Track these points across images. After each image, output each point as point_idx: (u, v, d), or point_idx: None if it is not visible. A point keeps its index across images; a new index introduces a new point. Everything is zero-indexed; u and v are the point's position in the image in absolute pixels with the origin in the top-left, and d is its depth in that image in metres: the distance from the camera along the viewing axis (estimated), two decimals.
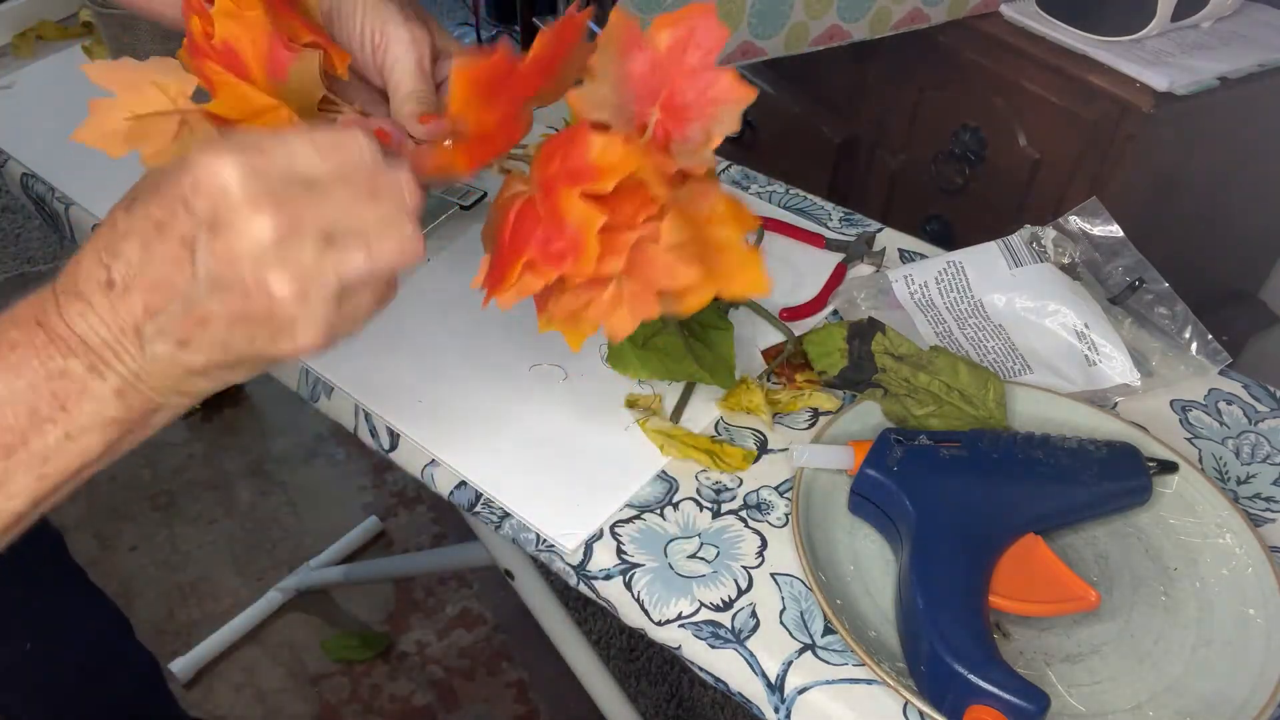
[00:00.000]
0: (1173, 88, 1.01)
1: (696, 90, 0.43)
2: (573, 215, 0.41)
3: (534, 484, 0.63)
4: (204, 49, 0.49)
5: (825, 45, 1.11)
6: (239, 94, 0.49)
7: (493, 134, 0.45)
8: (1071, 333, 0.70)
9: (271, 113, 0.49)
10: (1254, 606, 0.55)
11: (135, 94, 0.50)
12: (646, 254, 0.42)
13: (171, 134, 0.51)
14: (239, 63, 0.49)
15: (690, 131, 0.43)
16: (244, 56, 0.48)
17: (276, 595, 1.48)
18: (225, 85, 0.49)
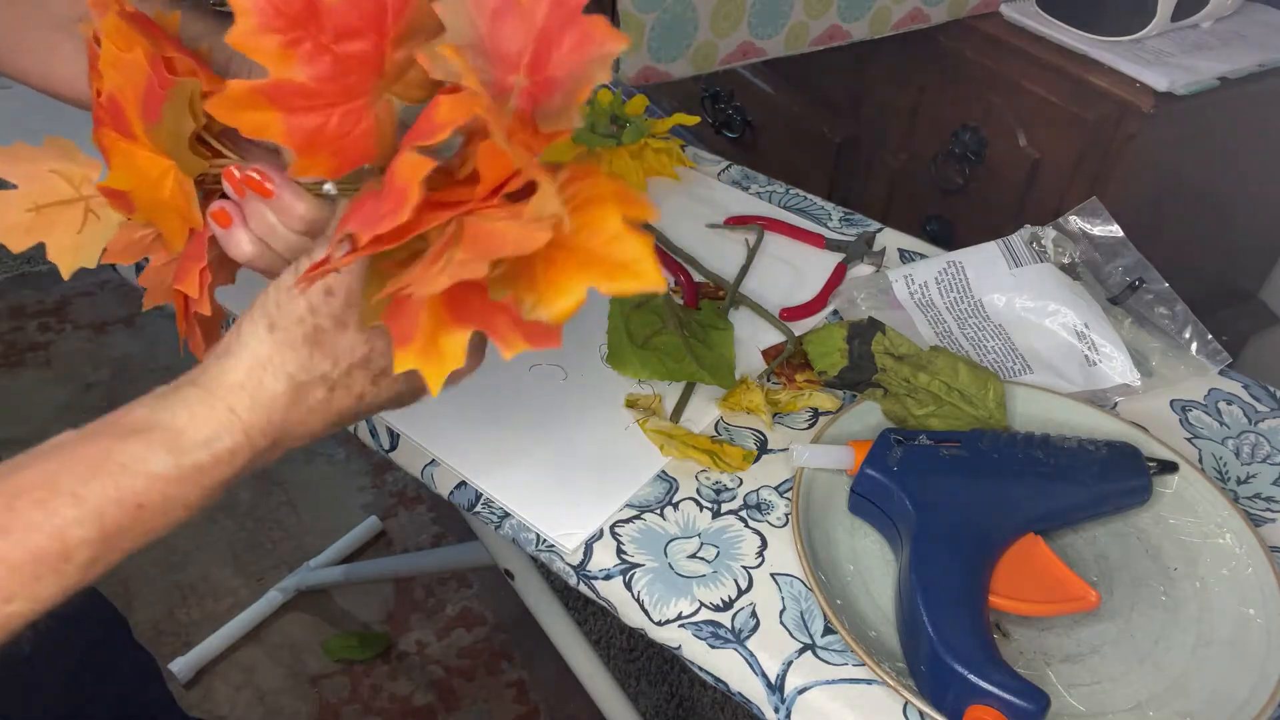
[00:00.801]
0: (1173, 88, 1.01)
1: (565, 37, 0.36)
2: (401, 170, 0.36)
3: (534, 484, 0.63)
4: (99, 112, 0.45)
5: (825, 45, 1.11)
6: (129, 160, 0.44)
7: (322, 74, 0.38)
8: (1071, 333, 0.70)
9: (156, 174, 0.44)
10: (1254, 606, 0.55)
11: (36, 183, 0.47)
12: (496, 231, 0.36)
13: (78, 224, 0.47)
14: (123, 119, 0.44)
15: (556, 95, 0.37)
16: (126, 109, 0.43)
17: (276, 595, 1.48)
18: (117, 152, 0.44)
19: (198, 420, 0.40)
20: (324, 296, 0.41)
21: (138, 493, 0.38)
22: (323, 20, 0.37)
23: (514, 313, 0.37)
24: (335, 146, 0.39)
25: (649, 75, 1.03)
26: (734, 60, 1.07)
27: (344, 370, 0.42)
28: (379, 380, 0.44)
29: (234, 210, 0.44)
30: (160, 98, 0.42)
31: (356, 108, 0.39)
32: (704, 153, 0.95)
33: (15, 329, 1.92)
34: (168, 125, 0.43)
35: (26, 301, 1.98)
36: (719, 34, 1.04)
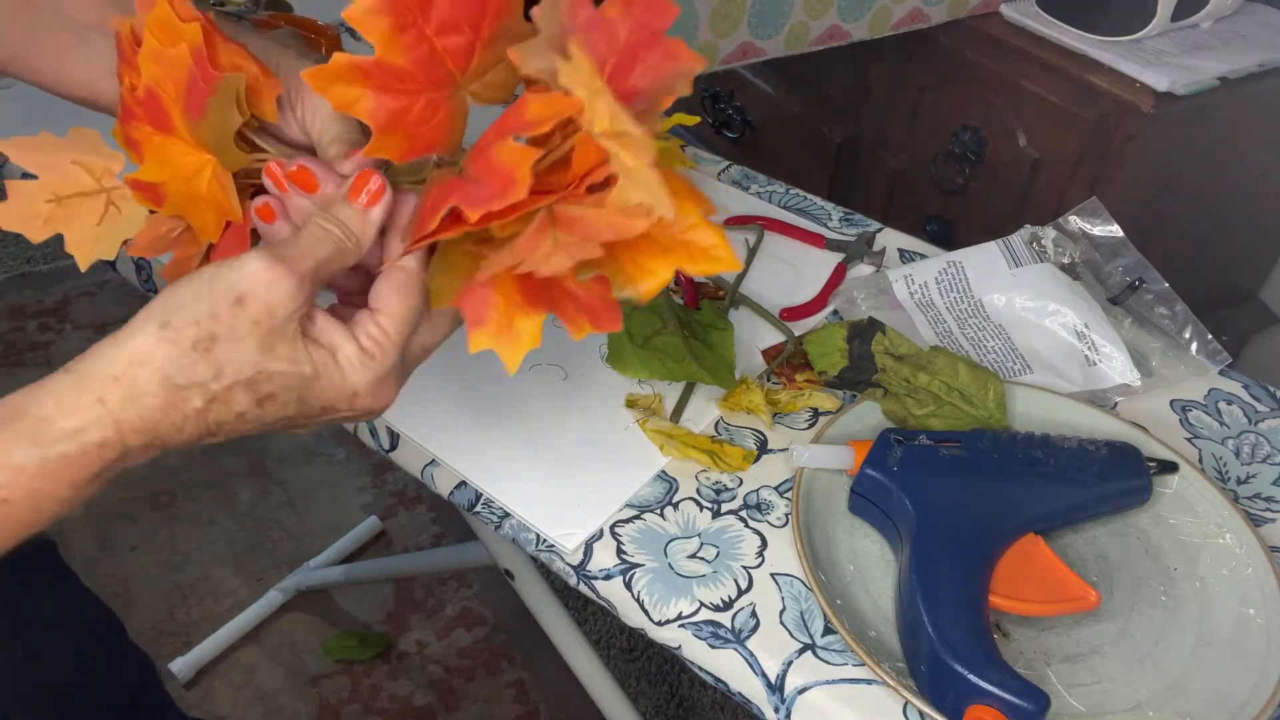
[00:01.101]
0: (1173, 88, 1.01)
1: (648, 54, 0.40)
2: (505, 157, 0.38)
3: (534, 484, 0.63)
4: (131, 108, 0.45)
5: (825, 45, 1.11)
6: (164, 153, 0.45)
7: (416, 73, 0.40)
8: (1071, 333, 0.70)
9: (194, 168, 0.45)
10: (1254, 606, 0.55)
11: (57, 174, 0.47)
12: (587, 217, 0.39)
13: (97, 216, 0.47)
14: (162, 113, 0.44)
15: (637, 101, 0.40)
16: (166, 103, 0.44)
17: (276, 595, 1.48)
18: (150, 146, 0.45)
19: (65, 409, 0.38)
20: (232, 304, 0.40)
21: (2, 486, 0.37)
22: (431, 11, 0.40)
23: (580, 297, 0.40)
24: (411, 131, 0.41)
25: None
26: (734, 60, 1.08)
27: (225, 386, 0.40)
28: (265, 403, 0.42)
29: (276, 205, 0.44)
30: (205, 92, 0.43)
31: (438, 98, 0.41)
32: (704, 153, 0.95)
33: (15, 329, 1.92)
34: (212, 120, 0.44)
35: (26, 301, 1.98)
36: (719, 34, 1.04)
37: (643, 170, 0.37)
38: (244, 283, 0.40)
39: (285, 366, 0.41)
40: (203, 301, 0.40)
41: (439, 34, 0.40)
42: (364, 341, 0.43)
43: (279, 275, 0.40)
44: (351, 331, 0.43)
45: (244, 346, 0.40)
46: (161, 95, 0.44)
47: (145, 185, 0.46)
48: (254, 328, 0.40)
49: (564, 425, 0.67)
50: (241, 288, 0.40)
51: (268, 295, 0.40)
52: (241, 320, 0.40)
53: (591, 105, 0.38)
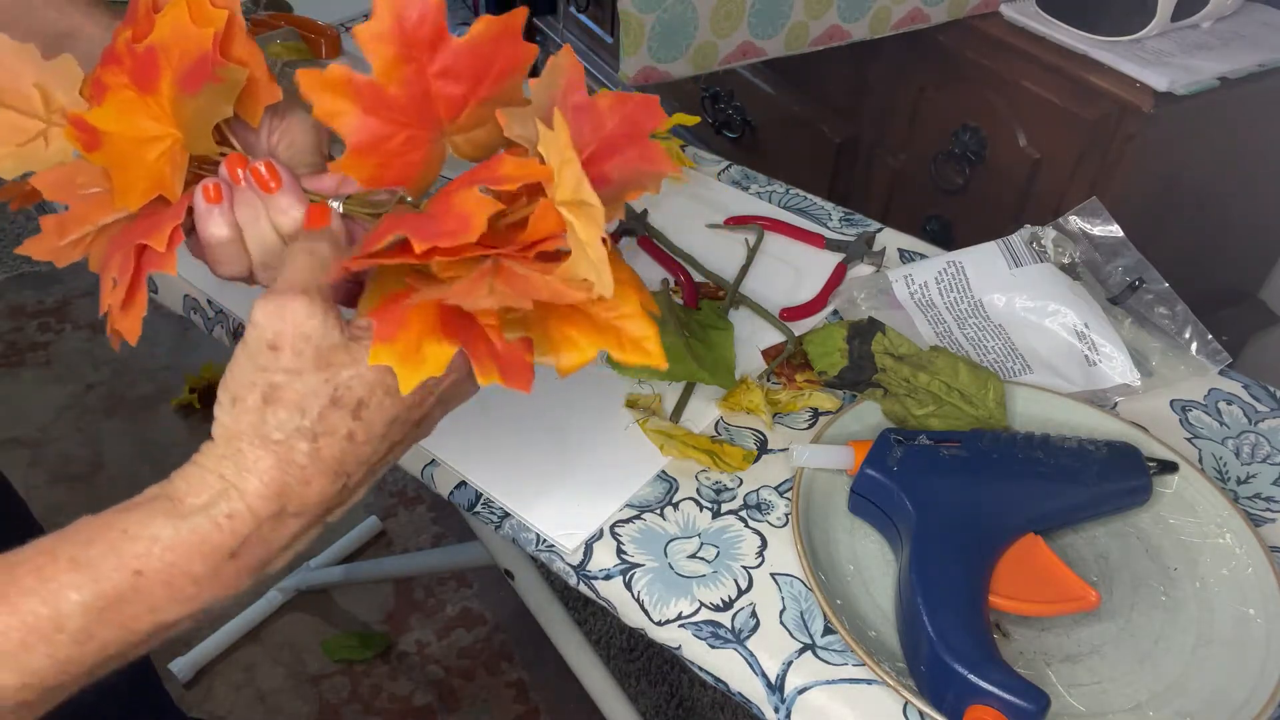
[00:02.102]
0: (1173, 88, 1.01)
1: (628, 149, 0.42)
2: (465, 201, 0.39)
3: (534, 484, 0.63)
4: (120, 55, 0.45)
5: (825, 45, 1.11)
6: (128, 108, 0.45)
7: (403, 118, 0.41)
8: (1071, 333, 0.70)
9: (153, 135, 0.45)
10: (1254, 606, 0.55)
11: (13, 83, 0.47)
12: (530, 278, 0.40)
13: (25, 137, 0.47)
14: (152, 74, 0.44)
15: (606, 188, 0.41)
16: (161, 66, 0.44)
17: (276, 595, 1.48)
18: (118, 96, 0.45)
19: (194, 487, 0.40)
20: (270, 354, 0.40)
21: (137, 556, 0.38)
22: (437, 54, 0.40)
23: (495, 346, 0.40)
24: (385, 160, 0.42)
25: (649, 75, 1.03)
26: (734, 60, 1.07)
27: (316, 416, 0.40)
28: (360, 413, 0.41)
29: (225, 191, 0.44)
30: (208, 76, 0.43)
31: (420, 137, 0.42)
32: (704, 153, 0.95)
33: (15, 329, 1.92)
34: (201, 103, 0.43)
35: (26, 301, 1.98)
36: (719, 34, 1.04)
37: (592, 244, 0.38)
38: (264, 332, 0.40)
39: (351, 370, 0.41)
40: (246, 368, 0.40)
41: (439, 77, 0.41)
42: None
43: (283, 303, 0.40)
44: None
45: (305, 378, 0.40)
46: (161, 58, 0.44)
47: (87, 128, 0.45)
48: (299, 359, 0.40)
49: (564, 425, 0.67)
50: (265, 337, 0.40)
51: (286, 325, 0.40)
52: (286, 360, 0.40)
53: (559, 172, 0.39)
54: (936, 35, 1.17)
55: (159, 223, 0.43)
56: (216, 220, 0.44)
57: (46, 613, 0.36)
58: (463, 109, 0.42)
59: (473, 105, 0.42)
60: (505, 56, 0.42)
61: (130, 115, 0.45)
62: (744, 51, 1.07)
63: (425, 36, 0.40)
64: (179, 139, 0.45)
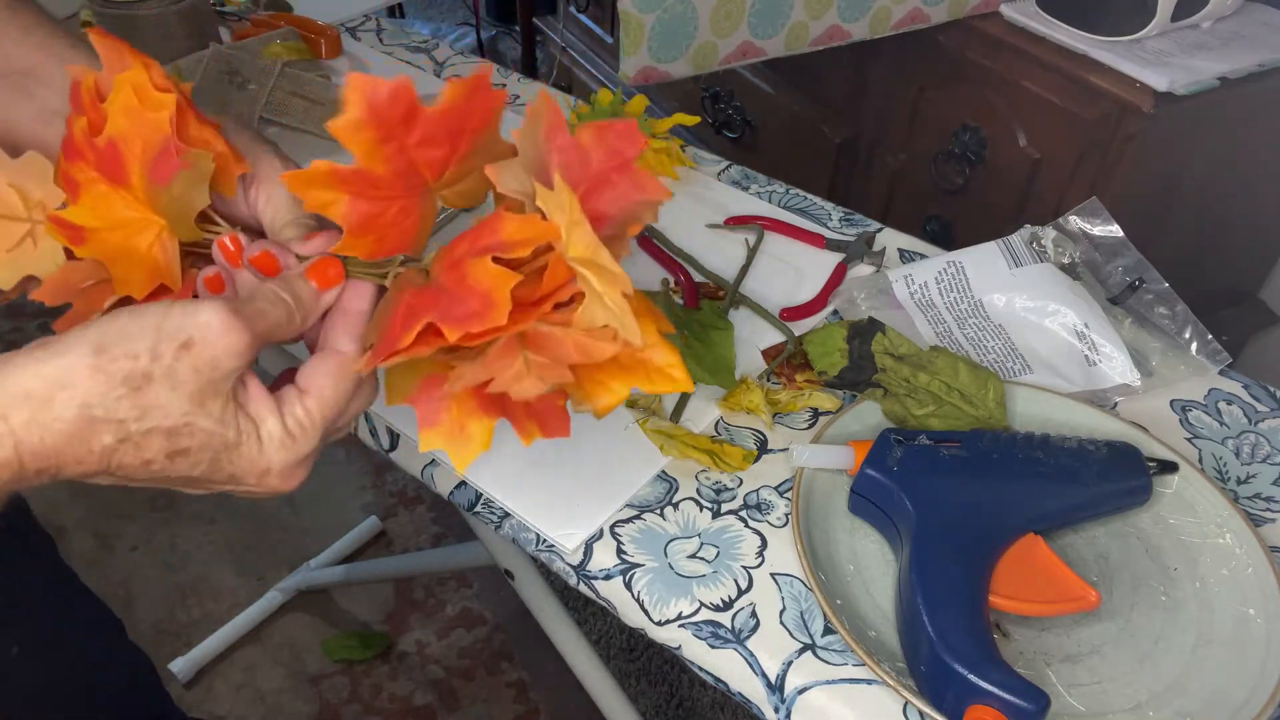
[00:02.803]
0: (1173, 88, 1.01)
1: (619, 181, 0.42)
2: (483, 277, 0.39)
3: (534, 484, 0.63)
4: (81, 149, 0.44)
5: (825, 45, 1.11)
6: (105, 203, 0.44)
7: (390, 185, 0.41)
8: (1071, 333, 0.70)
9: (138, 226, 0.44)
10: (1254, 606, 0.55)
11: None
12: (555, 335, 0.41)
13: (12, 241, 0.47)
14: (118, 166, 0.44)
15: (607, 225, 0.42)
16: (126, 159, 0.44)
17: (276, 595, 1.48)
18: (92, 191, 0.44)
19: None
20: (177, 348, 0.38)
21: None
22: (414, 128, 0.41)
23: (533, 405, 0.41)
24: (382, 234, 0.42)
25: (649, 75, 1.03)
26: (734, 60, 1.08)
27: (144, 429, 0.38)
28: (175, 458, 0.39)
29: (227, 278, 0.44)
30: (175, 165, 0.43)
31: (411, 204, 0.43)
32: (704, 153, 0.95)
33: (15, 329, 1.92)
34: (175, 192, 0.43)
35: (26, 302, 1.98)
36: (719, 34, 1.04)
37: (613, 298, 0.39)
38: (195, 329, 0.38)
39: (211, 425, 0.39)
40: (147, 337, 0.38)
41: (419, 146, 0.41)
42: (288, 421, 0.42)
43: (233, 328, 0.39)
44: (279, 408, 0.42)
45: (178, 394, 0.38)
46: (124, 150, 0.44)
47: (69, 225, 0.45)
48: (194, 376, 0.38)
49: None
50: (191, 333, 0.38)
51: (217, 346, 0.38)
52: (183, 365, 0.38)
53: (569, 233, 0.39)
54: (936, 35, 1.17)
55: None
56: None
57: None
58: (446, 168, 0.43)
59: (455, 163, 0.43)
60: (478, 111, 0.42)
61: (108, 209, 0.44)
62: (744, 51, 1.07)
63: (399, 114, 0.40)
64: (164, 226, 0.44)
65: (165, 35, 0.93)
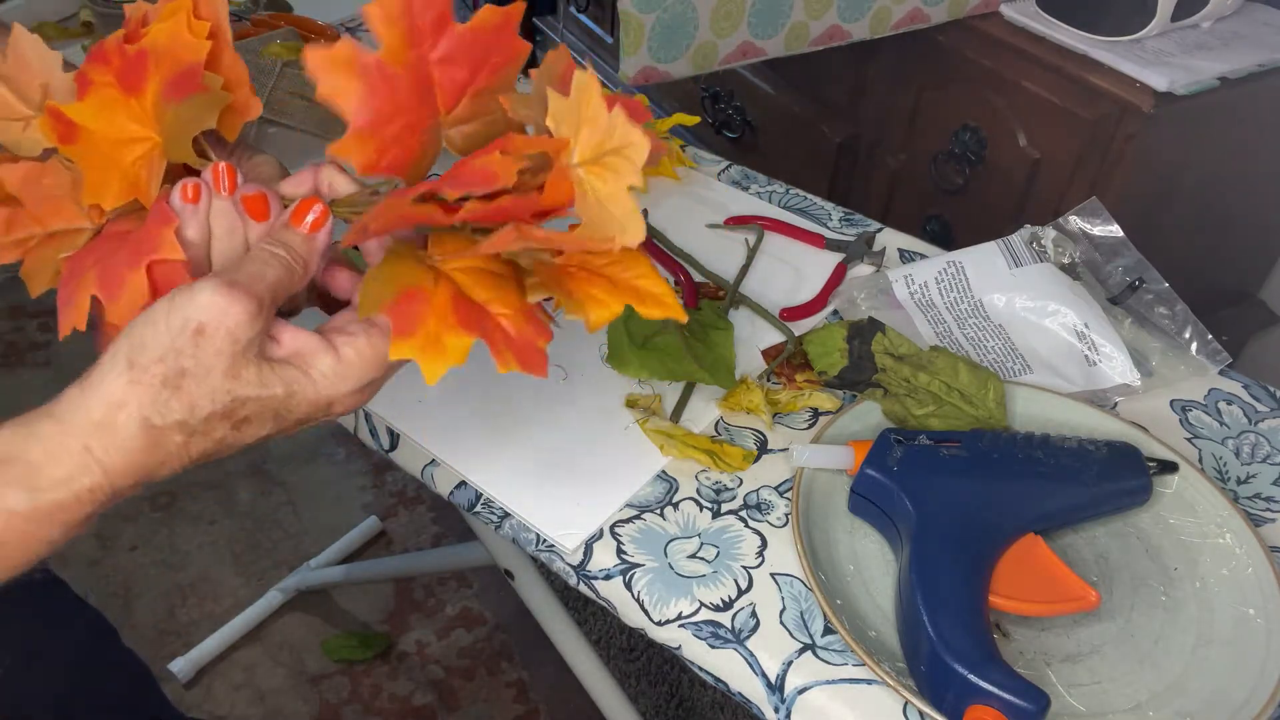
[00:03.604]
0: (1173, 88, 1.01)
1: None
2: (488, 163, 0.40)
3: (534, 484, 0.63)
4: (109, 55, 0.45)
5: (825, 45, 1.11)
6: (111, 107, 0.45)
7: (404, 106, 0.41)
8: (1071, 333, 0.70)
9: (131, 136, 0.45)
10: (1254, 606, 0.55)
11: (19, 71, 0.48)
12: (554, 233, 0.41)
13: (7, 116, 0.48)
14: (139, 76, 0.44)
15: None
16: (149, 71, 0.44)
17: (276, 595, 1.48)
18: (101, 94, 0.45)
19: (54, 457, 0.38)
20: (192, 336, 0.39)
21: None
22: (440, 39, 0.41)
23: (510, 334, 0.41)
24: (384, 146, 0.41)
25: (649, 75, 1.03)
26: (734, 60, 1.07)
27: (203, 419, 0.40)
28: (242, 427, 0.42)
29: (205, 195, 0.44)
30: (195, 87, 0.43)
31: (418, 124, 0.42)
32: (704, 153, 0.95)
33: (15, 329, 1.92)
34: (183, 113, 0.44)
35: (26, 301, 1.98)
36: (719, 34, 1.04)
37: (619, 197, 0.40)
38: (201, 313, 0.39)
39: (255, 391, 0.41)
40: (162, 337, 0.39)
41: (440, 64, 0.42)
42: (345, 352, 0.43)
43: (234, 299, 0.39)
44: (331, 341, 0.43)
45: (212, 377, 0.40)
46: (151, 63, 0.44)
47: (65, 120, 0.45)
48: (218, 358, 0.40)
49: (564, 425, 0.67)
50: (199, 318, 0.39)
51: (226, 322, 0.39)
52: (205, 351, 0.39)
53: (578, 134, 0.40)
54: (936, 35, 1.17)
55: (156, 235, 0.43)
56: (189, 221, 0.44)
57: None
58: (459, 98, 0.43)
59: (470, 95, 0.43)
60: (503, 48, 0.43)
61: (111, 113, 0.45)
62: (744, 51, 1.07)
63: (431, 19, 0.41)
64: (158, 144, 0.45)
65: None
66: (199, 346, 0.39)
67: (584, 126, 0.40)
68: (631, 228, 0.40)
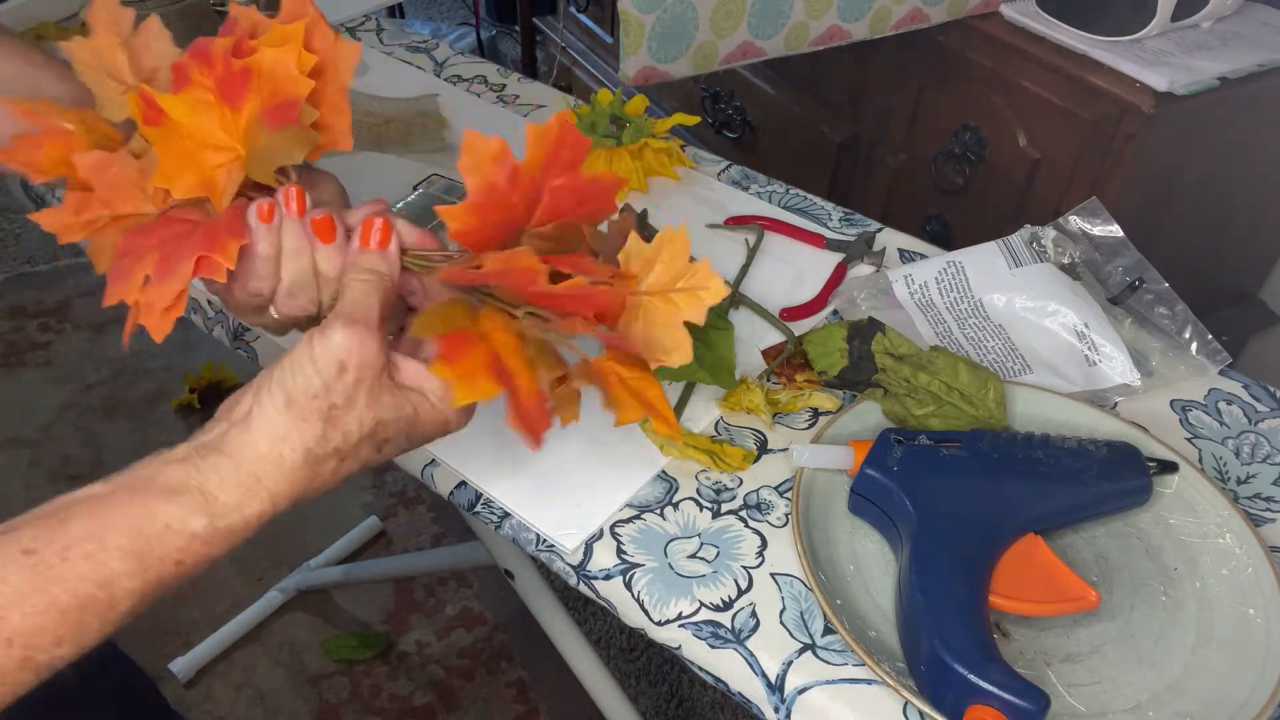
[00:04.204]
0: (1173, 88, 1.01)
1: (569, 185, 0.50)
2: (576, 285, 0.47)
3: (534, 484, 0.63)
4: (212, 60, 0.48)
5: (825, 45, 1.11)
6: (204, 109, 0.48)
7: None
8: (1071, 333, 0.70)
9: (220, 150, 0.48)
10: (1254, 606, 0.55)
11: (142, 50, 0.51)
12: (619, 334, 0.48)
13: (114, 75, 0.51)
14: (239, 92, 0.48)
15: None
16: (250, 91, 0.48)
17: (276, 595, 1.48)
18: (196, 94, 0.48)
19: (228, 487, 0.44)
20: (337, 374, 0.44)
21: (180, 549, 0.42)
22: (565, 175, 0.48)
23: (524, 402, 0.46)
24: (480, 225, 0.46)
25: (649, 75, 1.03)
26: (734, 60, 1.08)
27: (353, 444, 0.46)
28: (383, 447, 0.47)
29: (278, 214, 0.48)
30: (292, 120, 0.48)
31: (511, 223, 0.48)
32: (704, 153, 0.95)
33: (15, 329, 1.92)
34: (277, 140, 0.48)
35: (26, 301, 1.98)
36: (719, 34, 1.04)
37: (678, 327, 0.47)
38: (340, 353, 0.44)
39: (392, 414, 0.46)
40: (314, 378, 0.44)
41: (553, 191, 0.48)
42: None
43: (364, 336, 0.45)
44: None
45: (357, 408, 0.45)
46: (254, 83, 0.48)
47: (154, 105, 0.48)
48: (359, 388, 0.45)
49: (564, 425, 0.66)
50: (340, 357, 0.44)
51: (361, 357, 0.45)
52: (348, 385, 0.45)
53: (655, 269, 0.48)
54: (936, 35, 1.17)
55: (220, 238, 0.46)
56: (261, 238, 0.47)
57: (104, 596, 0.40)
58: (552, 220, 0.49)
59: (557, 223, 0.49)
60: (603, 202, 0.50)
61: (203, 116, 0.48)
62: (744, 51, 1.07)
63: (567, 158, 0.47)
64: (242, 158, 0.48)
65: None
66: (343, 383, 0.45)
67: (659, 265, 0.48)
68: (679, 351, 0.48)
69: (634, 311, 0.48)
